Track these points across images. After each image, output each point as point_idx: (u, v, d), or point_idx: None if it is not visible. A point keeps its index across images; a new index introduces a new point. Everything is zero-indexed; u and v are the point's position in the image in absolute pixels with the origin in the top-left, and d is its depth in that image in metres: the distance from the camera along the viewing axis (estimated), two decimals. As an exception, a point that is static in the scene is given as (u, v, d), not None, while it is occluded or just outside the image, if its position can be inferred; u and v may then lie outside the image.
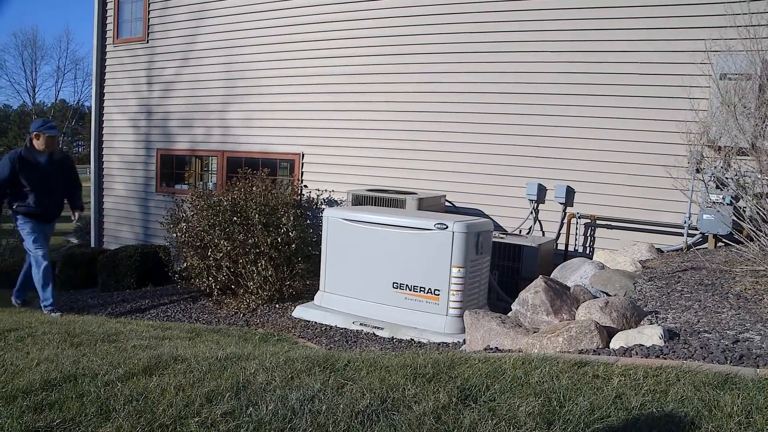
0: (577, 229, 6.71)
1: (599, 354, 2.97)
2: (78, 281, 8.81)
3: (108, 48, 10.57)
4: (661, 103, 6.04)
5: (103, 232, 10.96)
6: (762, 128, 4.48)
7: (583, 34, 6.51)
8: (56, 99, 46.68)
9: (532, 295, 3.98)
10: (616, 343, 3.16)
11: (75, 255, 9.37)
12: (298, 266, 6.44)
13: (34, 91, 43.44)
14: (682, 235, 5.98)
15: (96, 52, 10.59)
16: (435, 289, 4.91)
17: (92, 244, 11.07)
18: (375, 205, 6.44)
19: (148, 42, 10.03)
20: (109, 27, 10.49)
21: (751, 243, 4.30)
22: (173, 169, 10.09)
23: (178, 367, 2.80)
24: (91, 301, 7.45)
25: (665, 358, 2.76)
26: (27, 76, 43.27)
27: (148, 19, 9.98)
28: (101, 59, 10.63)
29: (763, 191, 4.50)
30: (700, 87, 5.49)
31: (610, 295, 4.35)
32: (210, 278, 6.39)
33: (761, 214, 4.12)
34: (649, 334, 3.07)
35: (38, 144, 5.90)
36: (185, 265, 6.74)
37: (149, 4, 9.95)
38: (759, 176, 4.44)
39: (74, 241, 17.44)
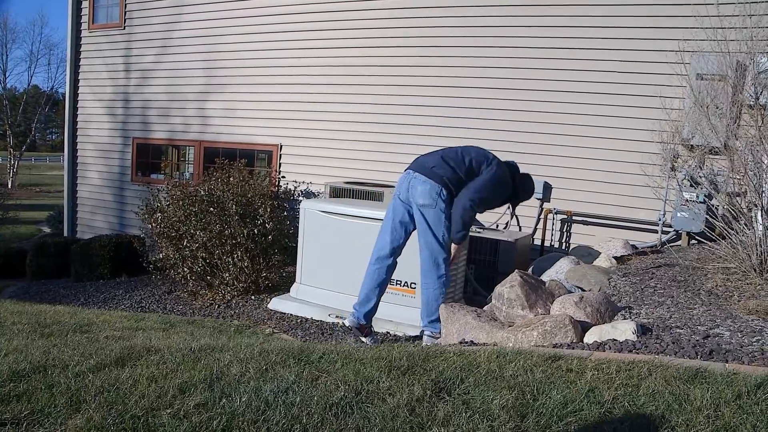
0: (553, 224, 6.77)
1: (573, 348, 3.00)
2: (50, 271, 8.68)
3: (83, 33, 10.38)
4: (638, 101, 6.10)
5: (77, 222, 10.78)
6: (733, 129, 4.55)
7: (559, 31, 6.55)
8: (29, 84, 45.66)
9: (508, 290, 3.99)
10: (590, 337, 3.19)
11: (48, 244, 9.23)
12: (275, 258, 6.41)
13: (4, 75, 42.35)
14: (657, 233, 6.07)
15: (70, 37, 10.39)
16: (411, 283, 4.91)
17: (65, 234, 10.89)
18: (353, 197, 6.42)
19: (125, 28, 9.86)
20: (85, 12, 10.29)
21: (723, 241, 4.37)
22: (149, 158, 9.95)
23: (151, 359, 2.76)
24: (64, 291, 7.34)
25: (638, 353, 2.80)
26: (-3, 60, 42.14)
27: (125, 4, 9.80)
28: (76, 45, 10.43)
29: (734, 190, 4.57)
30: (677, 87, 5.56)
31: (584, 291, 4.39)
32: (185, 269, 6.32)
33: (732, 212, 4.19)
34: (623, 329, 3.10)
35: None
36: (160, 255, 6.66)
37: (126, -10, 9.79)
38: (731, 175, 4.51)
39: (47, 230, 17.12)
